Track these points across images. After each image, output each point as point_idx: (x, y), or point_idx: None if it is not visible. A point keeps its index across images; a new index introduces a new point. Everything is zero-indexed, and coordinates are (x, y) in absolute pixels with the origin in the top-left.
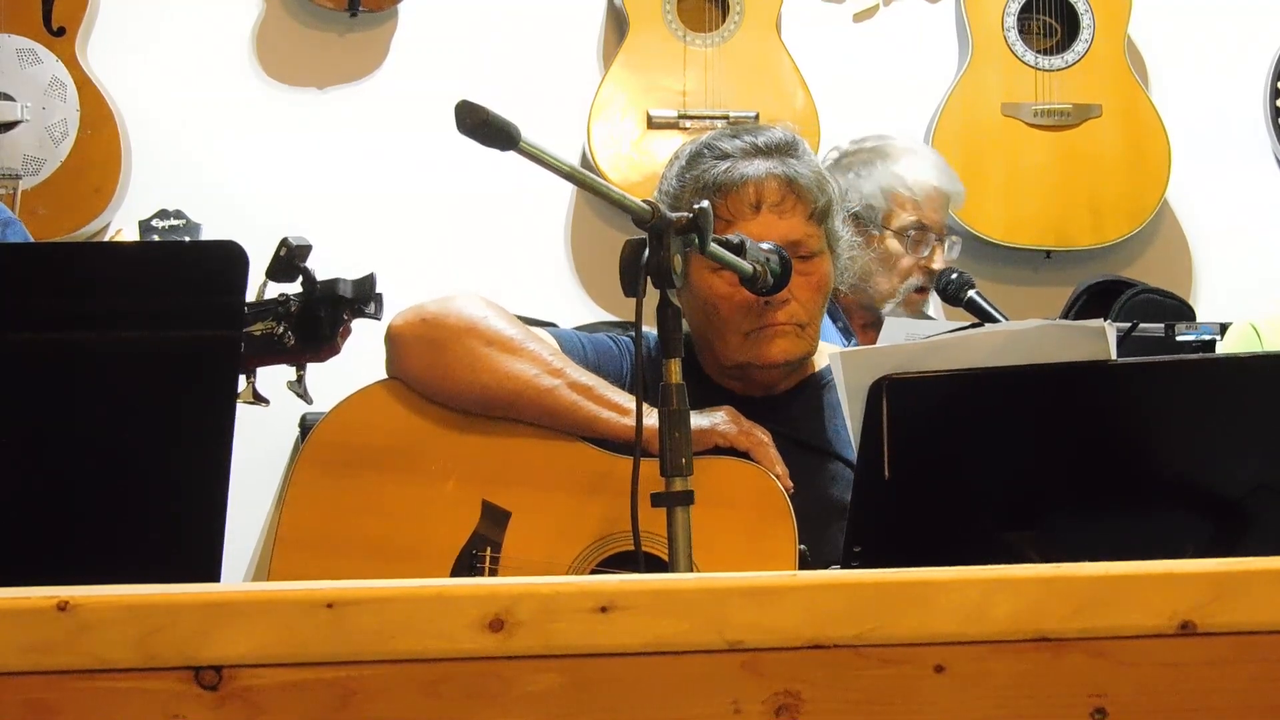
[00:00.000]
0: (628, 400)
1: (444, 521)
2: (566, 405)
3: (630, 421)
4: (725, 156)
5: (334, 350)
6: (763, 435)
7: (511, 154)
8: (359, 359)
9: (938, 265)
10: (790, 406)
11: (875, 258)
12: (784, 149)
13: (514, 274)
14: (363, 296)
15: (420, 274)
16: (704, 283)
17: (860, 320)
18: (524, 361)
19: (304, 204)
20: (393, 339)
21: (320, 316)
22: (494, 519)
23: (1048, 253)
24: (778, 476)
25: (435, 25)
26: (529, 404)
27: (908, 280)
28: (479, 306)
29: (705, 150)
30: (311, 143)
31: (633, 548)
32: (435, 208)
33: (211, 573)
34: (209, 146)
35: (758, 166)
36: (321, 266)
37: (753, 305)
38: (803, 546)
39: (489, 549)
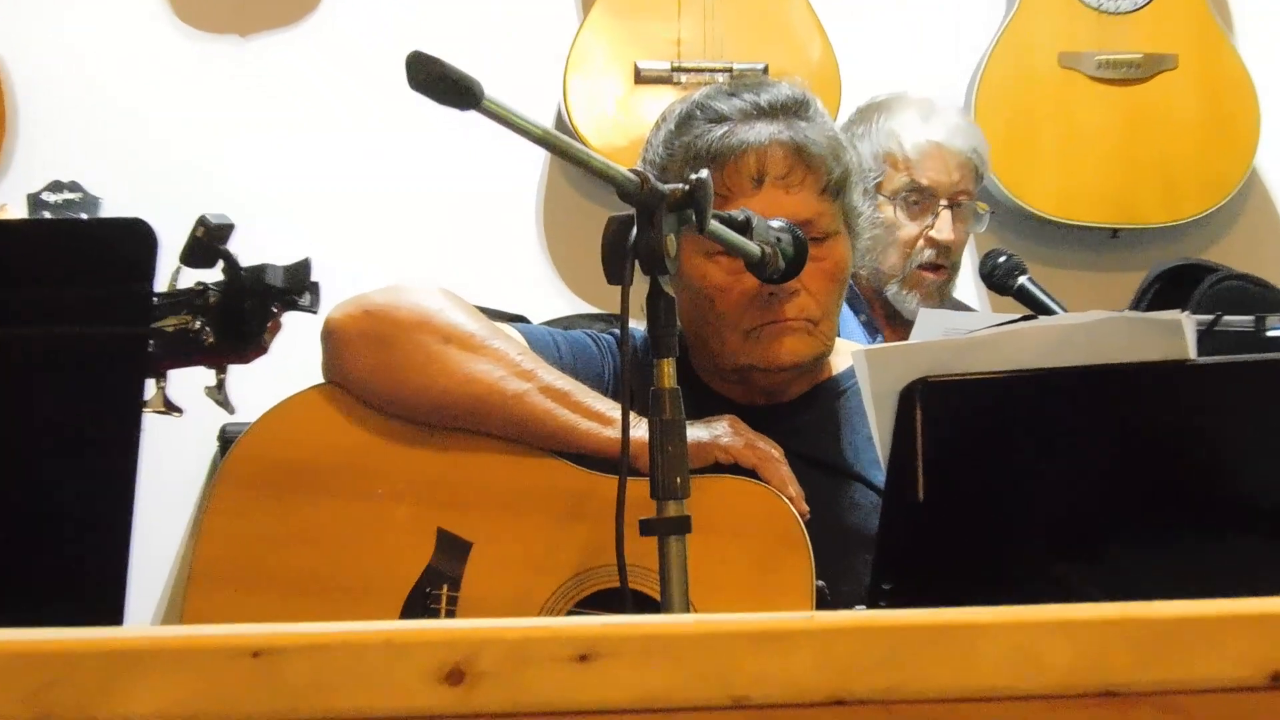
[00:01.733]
0: (611, 408)
1: (392, 554)
2: (538, 414)
3: (614, 433)
4: (721, 119)
5: (261, 349)
6: (772, 449)
7: (473, 114)
8: (292, 360)
9: (942, 235)
10: (801, 416)
11: (880, 230)
12: (792, 109)
13: (476, 258)
14: (295, 285)
15: (364, 261)
16: (697, 270)
17: (884, 311)
18: (488, 362)
19: (224, 176)
20: (331, 336)
21: (244, 309)
22: (451, 550)
23: (1113, 231)
24: (791, 499)
25: None
26: (493, 412)
27: (913, 255)
28: (434, 297)
29: (698, 111)
30: (233, 101)
31: (617, 584)
32: (382, 180)
33: (114, 614)
34: (110, 106)
35: (760, 131)
36: (246, 253)
37: (755, 297)
38: (820, 583)
39: (445, 586)
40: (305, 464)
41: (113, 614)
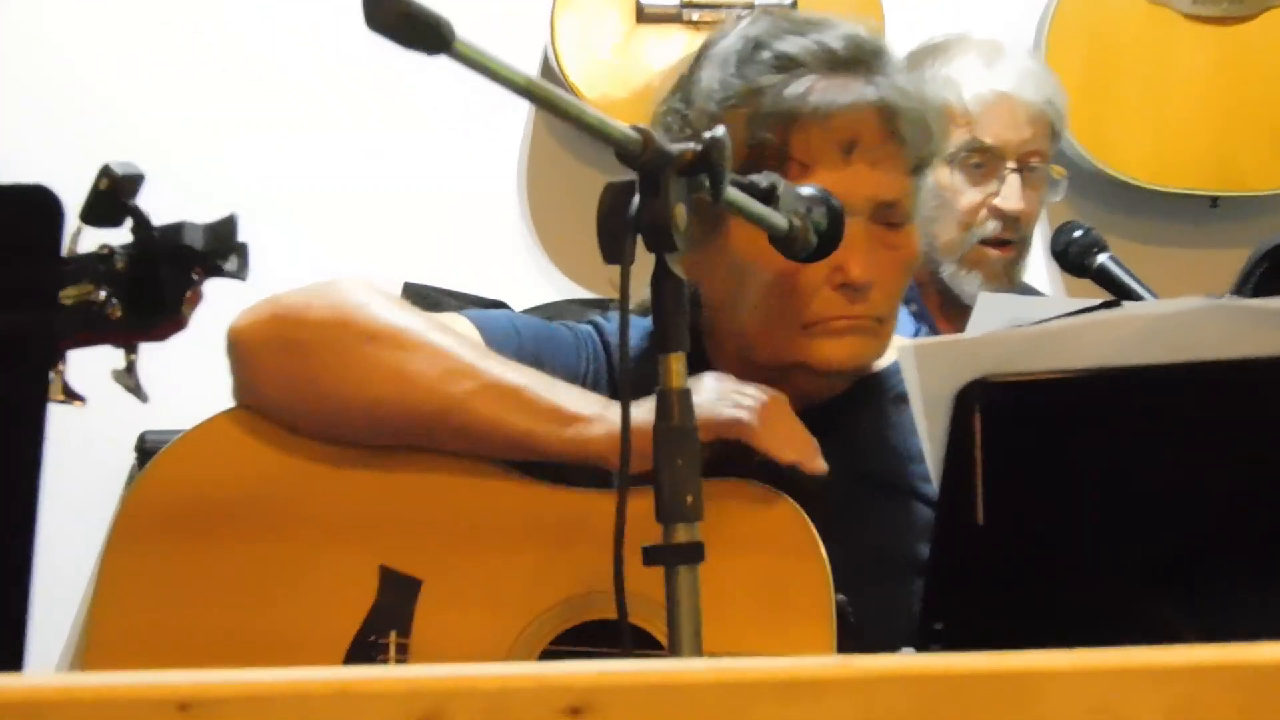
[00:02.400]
0: (577, 400)
1: (327, 601)
2: (485, 419)
3: (577, 432)
4: (795, 65)
5: (178, 324)
6: (767, 397)
7: (443, 59)
8: (216, 337)
9: (1009, 204)
10: (844, 420)
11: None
12: (871, 59)
13: (446, 233)
14: (219, 247)
15: (310, 234)
16: (753, 246)
17: (940, 297)
18: (422, 361)
19: (140, 130)
20: (236, 347)
21: (158, 276)
22: (398, 590)
23: (1213, 200)
24: (796, 480)
25: None
26: (433, 423)
27: (974, 227)
28: (356, 291)
29: (761, 52)
30: (150, 41)
31: (595, 618)
32: (332, 138)
33: (13, 659)
34: (8, 47)
35: (850, 89)
36: (163, 216)
37: (820, 286)
38: (841, 596)
39: (393, 632)
40: (216, 504)
41: (11, 658)
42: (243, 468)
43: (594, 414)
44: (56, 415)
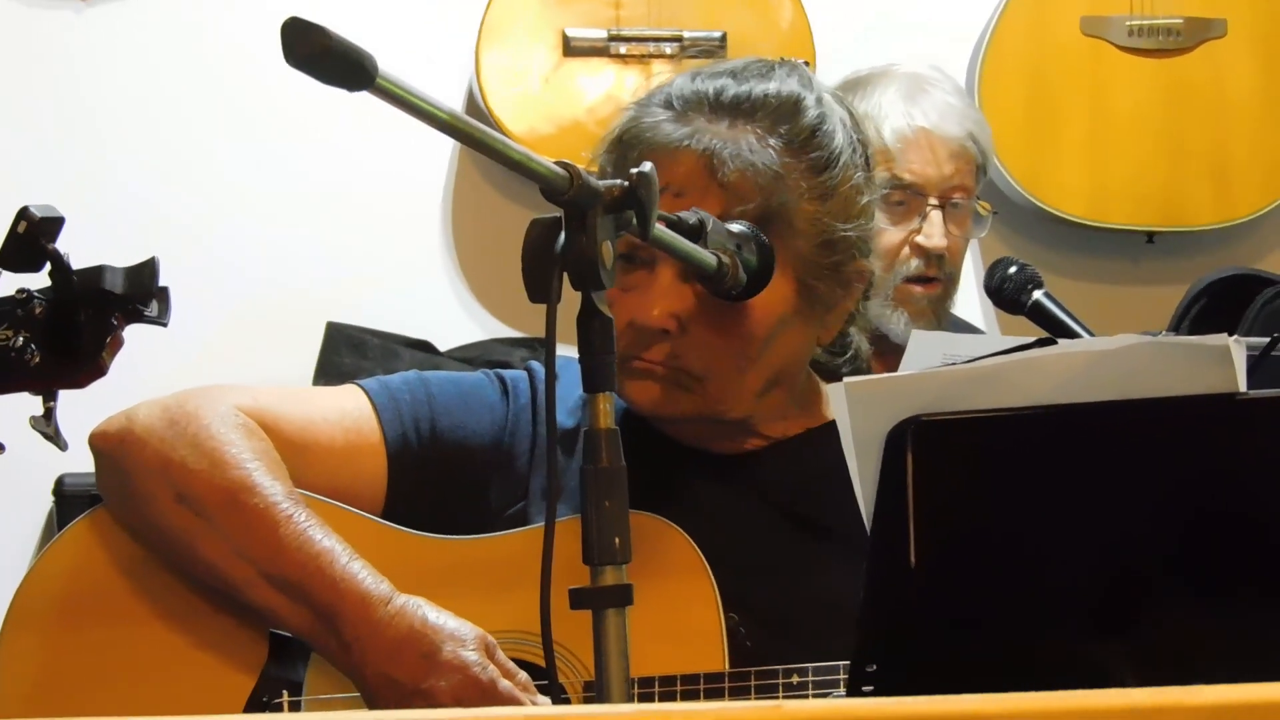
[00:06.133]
0: (352, 605)
1: (216, 671)
2: (258, 604)
3: (323, 636)
4: (664, 105)
5: (98, 370)
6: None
7: (364, 95)
8: (136, 384)
9: (930, 242)
10: (778, 463)
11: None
12: (755, 110)
13: (369, 269)
14: (139, 292)
15: (232, 272)
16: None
17: (869, 334)
18: (215, 534)
19: (60, 166)
20: (92, 453)
21: (78, 321)
22: (287, 652)
23: (1149, 235)
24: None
25: None
26: (221, 588)
27: (898, 266)
28: (201, 425)
29: (657, 95)
30: (69, 77)
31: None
32: (251, 173)
33: None
34: None
35: (681, 130)
36: (80, 258)
37: (624, 324)
38: (733, 616)
39: (286, 692)
40: (105, 588)
41: None
42: (125, 550)
43: (351, 632)
44: None
